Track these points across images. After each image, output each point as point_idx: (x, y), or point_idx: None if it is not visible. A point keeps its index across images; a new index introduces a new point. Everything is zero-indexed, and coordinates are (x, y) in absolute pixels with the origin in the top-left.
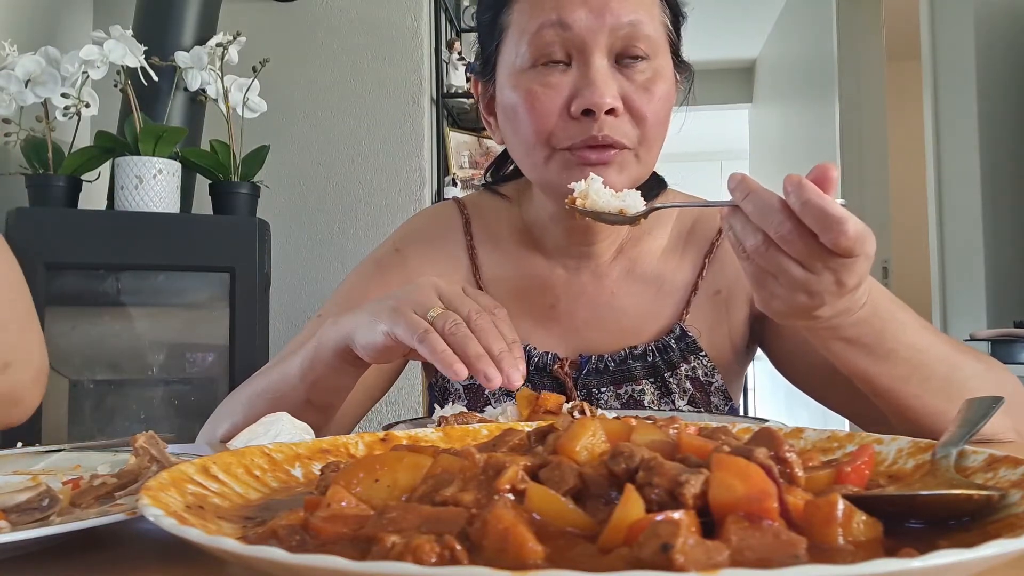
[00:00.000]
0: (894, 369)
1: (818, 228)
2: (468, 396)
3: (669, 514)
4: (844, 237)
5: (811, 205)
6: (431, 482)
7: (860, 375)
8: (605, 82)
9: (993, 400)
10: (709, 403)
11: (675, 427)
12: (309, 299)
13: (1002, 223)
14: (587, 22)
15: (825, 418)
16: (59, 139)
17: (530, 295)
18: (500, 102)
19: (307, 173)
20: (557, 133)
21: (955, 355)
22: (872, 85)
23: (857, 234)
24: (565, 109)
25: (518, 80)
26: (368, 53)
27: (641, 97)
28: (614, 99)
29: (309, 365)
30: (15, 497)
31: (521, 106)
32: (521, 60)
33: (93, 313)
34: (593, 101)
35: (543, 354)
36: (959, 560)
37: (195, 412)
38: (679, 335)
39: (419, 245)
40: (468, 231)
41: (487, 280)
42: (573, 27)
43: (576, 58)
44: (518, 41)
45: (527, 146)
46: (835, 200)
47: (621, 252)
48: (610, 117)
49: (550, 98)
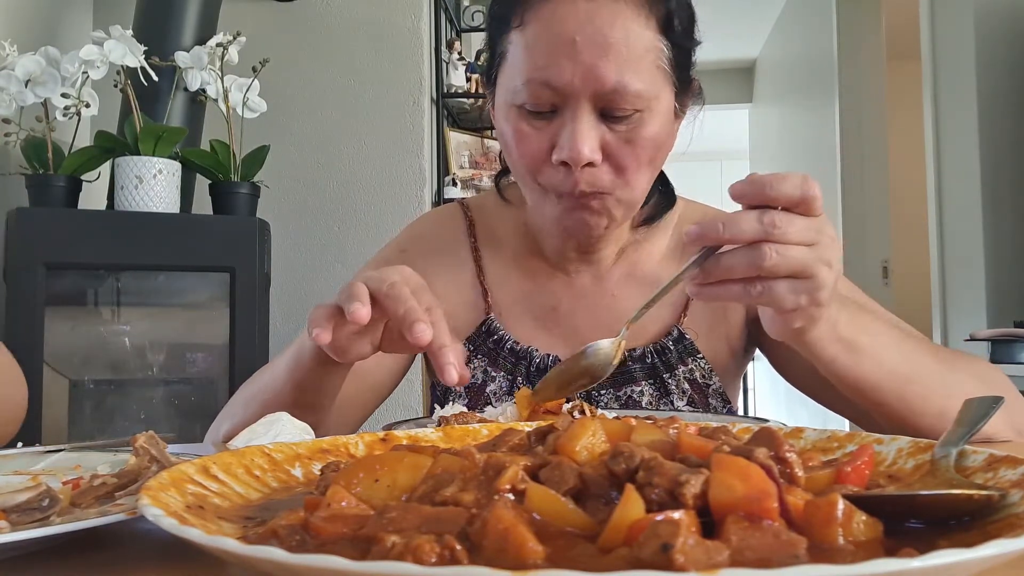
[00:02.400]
0: (894, 369)
1: (774, 192)
2: (469, 396)
3: (669, 514)
4: (786, 184)
5: (754, 182)
6: (431, 482)
7: (863, 382)
8: (583, 138)
9: (993, 400)
10: (707, 405)
11: (675, 427)
12: (309, 299)
13: (1002, 223)
14: (572, 83)
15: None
16: (59, 139)
17: (532, 297)
18: (496, 122)
19: (307, 173)
20: (544, 175)
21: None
22: (872, 85)
23: (784, 175)
24: (548, 155)
25: (509, 113)
26: (368, 53)
27: (622, 149)
28: (592, 152)
29: (293, 367)
30: (15, 497)
31: (511, 142)
32: (513, 98)
33: (93, 313)
34: (570, 156)
35: (545, 355)
36: (959, 560)
37: (195, 412)
38: (677, 337)
39: (424, 247)
40: (472, 233)
41: (491, 282)
42: (558, 88)
43: (561, 108)
44: (512, 78)
45: (520, 176)
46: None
47: (622, 256)
48: (589, 168)
49: (535, 141)
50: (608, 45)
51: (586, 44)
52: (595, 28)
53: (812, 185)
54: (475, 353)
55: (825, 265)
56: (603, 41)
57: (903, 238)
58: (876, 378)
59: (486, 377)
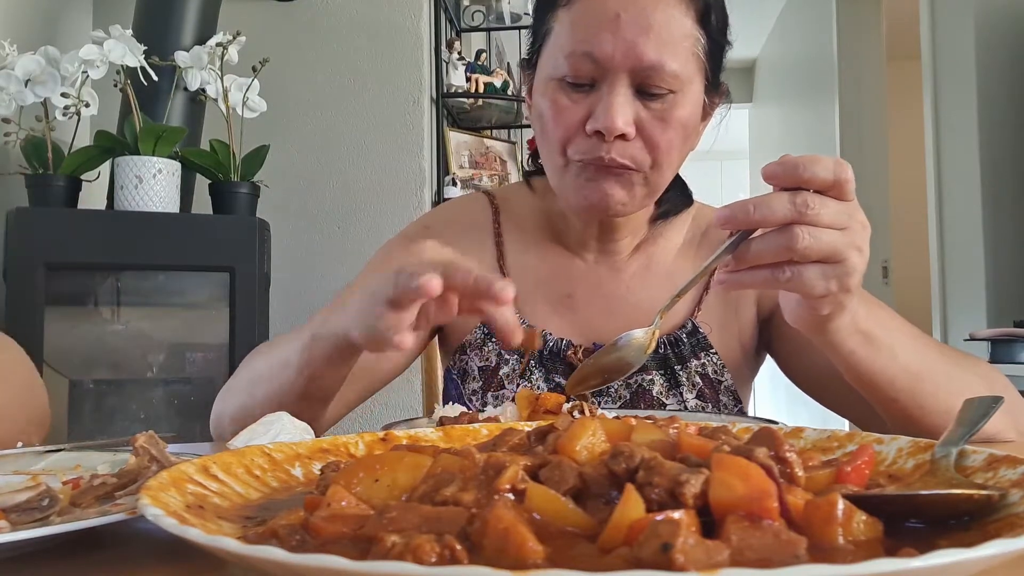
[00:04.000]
0: (906, 366)
1: (807, 174)
2: (483, 378)
3: (669, 514)
4: (819, 166)
5: (787, 164)
6: (431, 482)
7: (879, 376)
8: (619, 110)
9: (993, 400)
10: (718, 401)
11: (675, 427)
12: (309, 299)
13: (1002, 223)
14: (613, 57)
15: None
16: (59, 139)
17: (549, 283)
18: (534, 101)
19: (307, 173)
20: (573, 146)
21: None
22: (872, 85)
23: (817, 158)
24: (582, 126)
25: (548, 87)
26: (368, 53)
27: (655, 127)
28: (626, 125)
29: (306, 361)
30: (15, 497)
31: (547, 114)
32: (553, 71)
33: (93, 313)
34: (605, 125)
35: (558, 340)
36: (959, 560)
37: (195, 412)
38: (691, 330)
39: (448, 227)
40: (496, 219)
41: (510, 265)
42: (600, 60)
43: (600, 82)
44: (555, 54)
45: (548, 151)
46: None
47: (639, 249)
48: (620, 141)
49: (572, 112)
50: (649, 25)
51: (629, 21)
52: (639, 8)
53: (845, 168)
54: (490, 336)
55: (856, 250)
56: (645, 21)
57: (903, 238)
58: (892, 373)
59: (500, 360)
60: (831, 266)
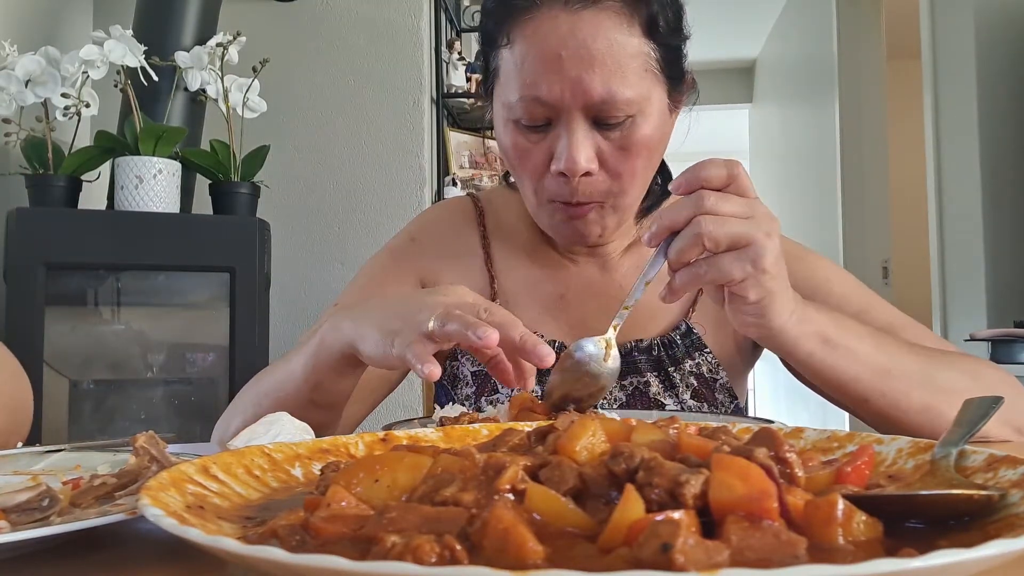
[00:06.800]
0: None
1: (704, 175)
2: (476, 383)
3: (669, 514)
4: (712, 166)
5: (685, 172)
6: (431, 482)
7: (842, 375)
8: (578, 148)
9: (993, 400)
10: (714, 400)
11: (675, 427)
12: (309, 299)
13: (1002, 223)
14: (562, 98)
15: (825, 418)
16: (59, 139)
17: (540, 285)
18: (496, 134)
19: (307, 173)
20: (542, 186)
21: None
22: (872, 85)
23: (711, 160)
24: (547, 166)
25: (507, 128)
26: (368, 53)
27: (617, 157)
28: (588, 162)
29: (312, 368)
30: (15, 497)
31: (511, 154)
32: (509, 114)
33: (93, 313)
34: (567, 167)
35: (550, 342)
36: (959, 560)
37: (195, 412)
38: (685, 331)
39: (435, 235)
40: (482, 222)
41: (499, 269)
42: (550, 102)
43: (555, 121)
44: (505, 92)
45: (521, 186)
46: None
47: (631, 248)
48: (586, 177)
49: (534, 154)
50: (592, 57)
51: (572, 58)
52: (578, 41)
53: (736, 164)
54: None
55: (764, 234)
56: (587, 54)
57: (903, 238)
58: (854, 372)
59: None
60: (742, 250)
